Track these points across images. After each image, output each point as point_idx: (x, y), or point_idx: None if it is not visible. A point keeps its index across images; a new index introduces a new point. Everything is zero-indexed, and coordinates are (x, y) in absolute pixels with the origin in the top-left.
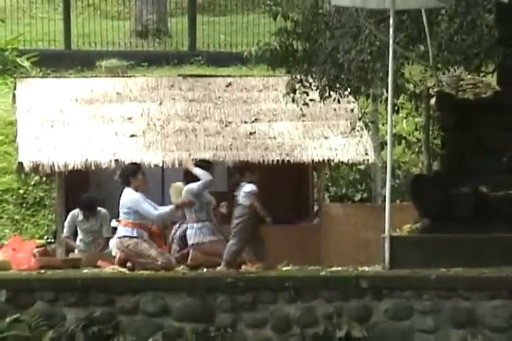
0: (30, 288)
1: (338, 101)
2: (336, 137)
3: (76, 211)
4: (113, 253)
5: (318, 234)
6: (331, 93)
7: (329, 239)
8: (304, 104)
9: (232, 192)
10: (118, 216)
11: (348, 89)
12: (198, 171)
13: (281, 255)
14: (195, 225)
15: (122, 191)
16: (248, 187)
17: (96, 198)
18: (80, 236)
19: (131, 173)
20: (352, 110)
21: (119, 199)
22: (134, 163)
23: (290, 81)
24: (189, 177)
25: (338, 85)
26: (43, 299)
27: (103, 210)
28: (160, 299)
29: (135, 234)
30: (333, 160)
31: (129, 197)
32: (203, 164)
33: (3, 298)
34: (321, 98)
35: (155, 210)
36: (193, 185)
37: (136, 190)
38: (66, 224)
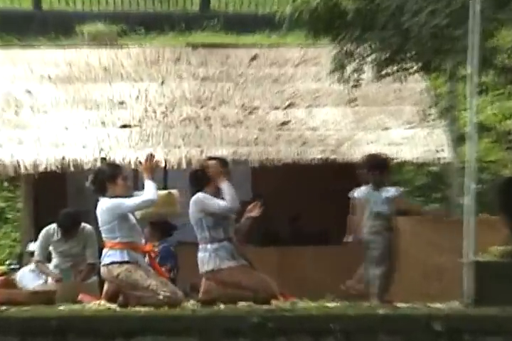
0: None
1: (401, 80)
2: (399, 128)
3: (51, 227)
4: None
5: None
6: (392, 69)
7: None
8: (354, 85)
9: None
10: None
11: (416, 64)
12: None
13: (324, 285)
14: (208, 246)
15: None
16: (390, 191)
17: (80, 214)
18: (54, 260)
19: (109, 177)
20: (421, 92)
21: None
22: (112, 164)
23: (337, 53)
24: (198, 183)
25: (401, 58)
26: None
27: (87, 227)
28: None
29: (126, 259)
30: (394, 159)
31: (106, 205)
32: (216, 165)
33: None
34: (378, 76)
35: (138, 198)
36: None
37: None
38: (38, 244)
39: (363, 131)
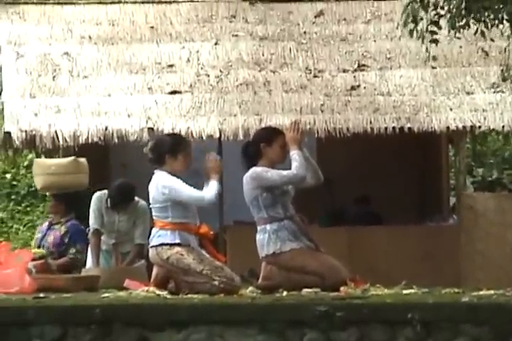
0: (24, 321)
1: (483, 35)
2: (485, 92)
3: (103, 192)
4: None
5: (456, 239)
6: (468, 20)
7: (474, 248)
8: (432, 41)
9: None
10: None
11: (504, 16)
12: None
13: (398, 270)
14: (267, 227)
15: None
16: None
17: (133, 187)
18: None
19: (170, 149)
20: (510, 51)
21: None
22: (176, 135)
23: (409, 3)
24: (251, 157)
25: (479, 8)
26: (44, 338)
27: (142, 203)
28: (218, 337)
29: (177, 241)
30: (479, 128)
31: (163, 184)
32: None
33: None
34: (452, 28)
35: (198, 193)
36: (264, 171)
37: (173, 175)
38: (91, 211)
39: (443, 95)
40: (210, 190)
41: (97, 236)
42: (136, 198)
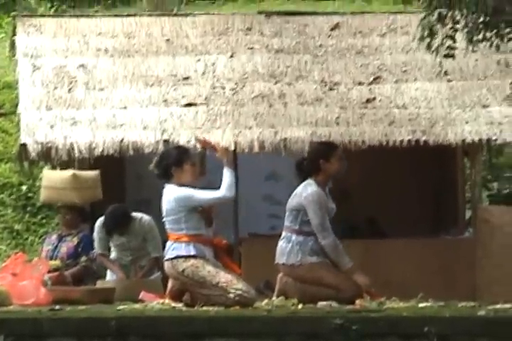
0: (40, 333)
1: (497, 49)
2: (501, 105)
3: (102, 220)
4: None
5: (471, 252)
6: (485, 35)
7: (489, 261)
8: (447, 55)
9: None
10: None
11: None
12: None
13: (414, 284)
14: (293, 237)
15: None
16: None
17: (125, 209)
18: (113, 254)
19: (175, 161)
20: None
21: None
22: (179, 146)
23: (426, 17)
24: (308, 170)
25: (497, 22)
26: None
27: (145, 218)
28: None
29: (192, 253)
30: (495, 141)
31: (174, 195)
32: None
33: None
34: (470, 42)
35: (213, 193)
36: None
37: (183, 186)
38: (95, 236)
39: (458, 108)
40: (225, 184)
41: (104, 258)
42: (139, 214)
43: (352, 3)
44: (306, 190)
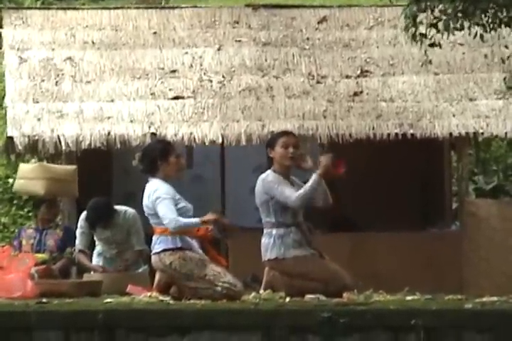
0: (27, 326)
1: (482, 39)
2: (488, 99)
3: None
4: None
5: (458, 245)
6: (463, 23)
7: (476, 254)
8: (431, 45)
9: None
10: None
11: (492, 18)
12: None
13: (401, 277)
14: (274, 232)
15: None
16: None
17: (108, 203)
18: (98, 247)
19: (160, 154)
20: None
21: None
22: (163, 140)
23: (409, 6)
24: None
25: (473, 10)
26: None
27: (129, 211)
28: None
29: (179, 245)
30: (482, 134)
31: (153, 191)
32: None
33: None
34: (446, 30)
35: (173, 214)
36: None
37: (166, 180)
38: (78, 231)
39: (446, 102)
40: (183, 221)
41: (83, 255)
42: (123, 208)
43: None
44: (261, 177)
